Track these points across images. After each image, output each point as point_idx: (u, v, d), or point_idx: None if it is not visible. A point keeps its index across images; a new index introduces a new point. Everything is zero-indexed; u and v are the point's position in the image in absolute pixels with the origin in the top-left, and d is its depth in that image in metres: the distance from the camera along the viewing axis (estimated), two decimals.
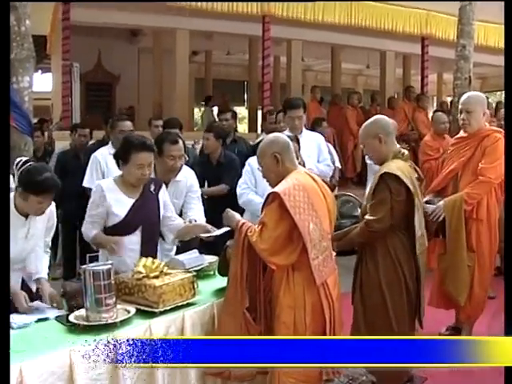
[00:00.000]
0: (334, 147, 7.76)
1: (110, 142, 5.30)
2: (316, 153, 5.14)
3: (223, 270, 3.39)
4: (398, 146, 3.70)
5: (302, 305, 2.98)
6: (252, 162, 4.56)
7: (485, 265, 4.46)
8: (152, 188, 3.59)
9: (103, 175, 4.87)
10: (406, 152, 3.69)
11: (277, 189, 2.99)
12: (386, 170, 3.45)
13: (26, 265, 3.32)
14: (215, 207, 4.14)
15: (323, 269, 3.02)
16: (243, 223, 3.08)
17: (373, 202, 3.48)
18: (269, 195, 3.04)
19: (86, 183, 5.08)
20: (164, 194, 3.71)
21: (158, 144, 3.93)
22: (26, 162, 3.19)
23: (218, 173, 5.46)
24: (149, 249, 3.50)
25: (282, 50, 12.09)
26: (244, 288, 3.03)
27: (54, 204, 3.35)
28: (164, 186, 3.76)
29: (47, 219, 3.37)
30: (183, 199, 4.20)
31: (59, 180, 3.18)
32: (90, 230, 3.51)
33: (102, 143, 5.97)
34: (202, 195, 4.47)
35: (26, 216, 3.22)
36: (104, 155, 5.03)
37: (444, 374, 4.11)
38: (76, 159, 6.15)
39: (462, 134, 4.60)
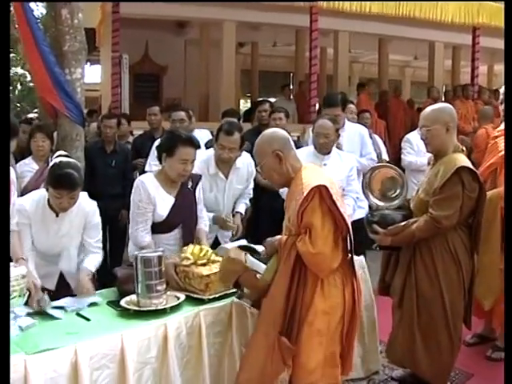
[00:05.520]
0: (384, 139, 7.64)
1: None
2: (359, 146, 5.04)
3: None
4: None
5: (341, 304, 2.74)
6: None
7: None
8: (190, 185, 3.57)
9: None
10: (464, 148, 3.52)
11: (317, 183, 2.69)
12: (463, 163, 3.27)
13: (58, 261, 3.33)
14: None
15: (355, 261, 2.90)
16: (285, 238, 2.80)
17: (442, 197, 3.28)
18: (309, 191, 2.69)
19: (146, 168, 5.03)
20: (200, 189, 3.70)
21: (216, 131, 4.04)
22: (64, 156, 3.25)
23: None
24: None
25: (329, 41, 12.00)
26: (285, 308, 2.71)
27: (93, 204, 3.35)
28: (202, 179, 3.75)
29: (84, 219, 3.30)
30: (245, 183, 4.28)
31: (84, 178, 3.17)
32: (142, 236, 3.38)
33: (147, 135, 6.07)
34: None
35: (57, 213, 3.22)
36: None
37: (490, 370, 4.05)
38: (102, 151, 5.56)
39: (502, 126, 4.30)
